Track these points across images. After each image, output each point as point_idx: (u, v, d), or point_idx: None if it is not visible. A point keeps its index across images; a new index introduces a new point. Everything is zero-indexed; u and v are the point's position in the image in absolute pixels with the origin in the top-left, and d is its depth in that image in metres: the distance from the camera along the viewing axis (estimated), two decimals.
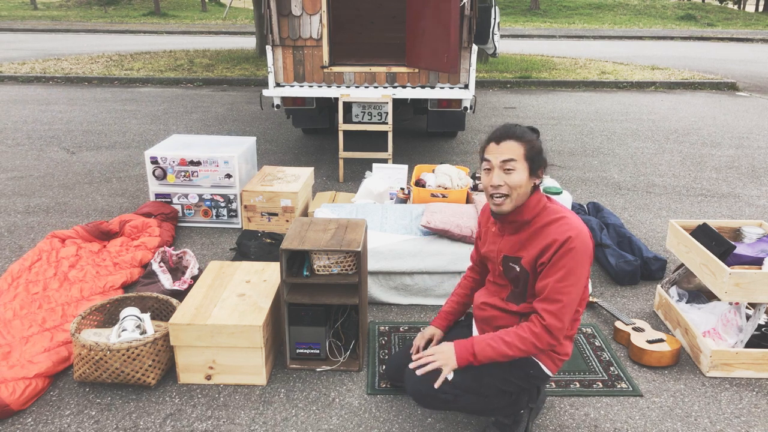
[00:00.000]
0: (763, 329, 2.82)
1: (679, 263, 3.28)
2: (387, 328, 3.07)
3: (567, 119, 8.11)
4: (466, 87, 5.44)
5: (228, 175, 4.19)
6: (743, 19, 27.47)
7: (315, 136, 6.99)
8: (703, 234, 2.98)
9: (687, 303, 3.14)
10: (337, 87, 5.43)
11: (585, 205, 4.46)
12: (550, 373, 2.13)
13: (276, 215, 4.16)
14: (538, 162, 2.01)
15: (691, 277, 3.16)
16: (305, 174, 4.46)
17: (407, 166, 4.67)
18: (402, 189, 4.16)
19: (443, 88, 5.45)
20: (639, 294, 3.46)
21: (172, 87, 10.39)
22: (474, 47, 5.29)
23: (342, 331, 2.87)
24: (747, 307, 2.84)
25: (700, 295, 3.20)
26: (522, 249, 2.06)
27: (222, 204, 4.26)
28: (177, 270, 3.55)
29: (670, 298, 3.13)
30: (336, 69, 5.43)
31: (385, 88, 5.45)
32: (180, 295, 3.25)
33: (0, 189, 5.09)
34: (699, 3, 33.39)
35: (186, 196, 4.26)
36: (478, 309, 2.27)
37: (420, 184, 3.90)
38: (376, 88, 5.45)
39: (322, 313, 2.65)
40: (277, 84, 5.47)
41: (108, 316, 2.85)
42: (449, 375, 2.02)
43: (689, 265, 2.98)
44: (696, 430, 2.36)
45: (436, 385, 1.97)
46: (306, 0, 5.21)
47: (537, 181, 2.04)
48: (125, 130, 7.21)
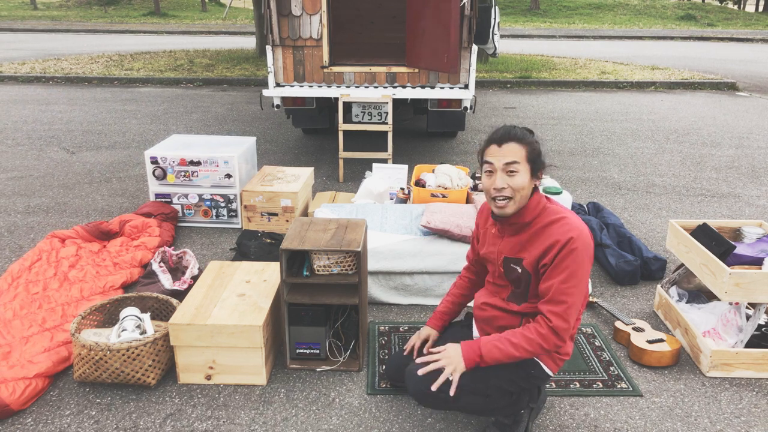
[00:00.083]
0: (763, 329, 2.82)
1: (679, 263, 3.28)
2: (387, 328, 3.07)
3: (567, 119, 8.11)
4: (466, 87, 5.44)
5: (228, 175, 4.19)
6: (743, 19, 27.48)
7: (315, 136, 6.99)
8: (703, 234, 2.98)
9: (687, 303, 3.14)
10: (337, 87, 5.43)
11: (585, 205, 4.46)
12: (551, 373, 2.14)
13: (276, 215, 4.16)
14: (538, 164, 2.02)
15: (691, 277, 3.16)
16: (305, 174, 4.46)
17: (407, 166, 4.67)
18: (402, 189, 4.16)
19: (443, 88, 5.45)
20: (639, 294, 3.46)
21: (172, 87, 10.39)
22: (474, 47, 5.29)
23: (342, 331, 2.87)
24: (747, 307, 2.84)
25: (700, 295, 3.20)
26: (523, 250, 2.06)
27: (222, 204, 4.26)
28: (177, 270, 3.55)
29: (670, 298, 3.13)
30: (336, 69, 5.43)
31: (385, 88, 5.45)
32: (180, 295, 3.25)
33: (0, 189, 5.09)
34: (699, 3, 33.38)
35: (186, 196, 4.27)
36: (478, 309, 2.27)
37: (420, 184, 3.90)
38: (376, 88, 5.45)
39: (322, 313, 2.65)
40: (277, 84, 5.47)
41: (108, 316, 2.85)
42: (453, 377, 2.00)
43: (689, 265, 2.98)
44: (696, 430, 2.36)
45: (434, 387, 1.97)
46: (306, 0, 5.21)
47: (537, 183, 2.05)
48: (125, 130, 7.21)
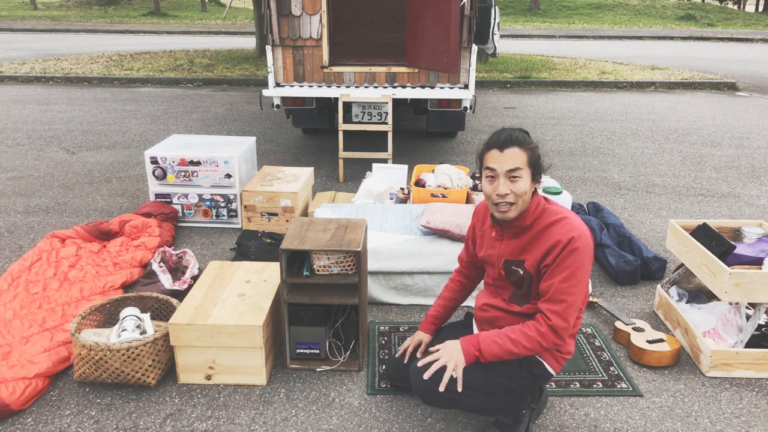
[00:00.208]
0: (763, 329, 2.82)
1: (679, 263, 3.28)
2: (387, 328, 3.07)
3: (567, 119, 8.11)
4: (466, 87, 5.44)
5: (228, 175, 4.19)
6: (743, 19, 27.47)
7: (315, 136, 6.99)
8: (703, 234, 2.98)
9: (687, 303, 3.14)
10: (337, 87, 5.43)
11: (585, 205, 4.46)
12: (553, 372, 2.14)
13: (276, 215, 4.16)
14: (539, 167, 2.03)
15: (691, 277, 3.16)
16: (305, 174, 4.46)
17: (407, 166, 4.67)
18: (402, 189, 4.16)
19: (443, 88, 5.45)
20: (639, 294, 3.46)
21: (172, 87, 10.39)
22: (474, 47, 5.29)
23: (342, 331, 2.87)
24: (747, 307, 2.84)
25: (700, 295, 3.20)
26: (524, 252, 2.07)
27: (222, 204, 4.26)
28: (177, 270, 3.55)
29: (670, 298, 3.13)
30: (336, 69, 5.43)
31: (385, 88, 5.45)
32: (180, 295, 3.25)
33: (0, 189, 5.09)
34: (699, 3, 33.38)
35: (186, 196, 4.26)
36: (480, 310, 2.27)
37: (420, 184, 3.90)
38: (376, 88, 5.45)
39: (322, 313, 2.65)
40: (277, 84, 5.47)
41: (108, 316, 2.85)
42: (457, 373, 2.01)
43: (689, 265, 2.98)
44: (696, 430, 2.36)
45: (441, 387, 1.97)
46: (306, 0, 5.21)
47: (537, 186, 2.05)
48: (125, 130, 7.21)
